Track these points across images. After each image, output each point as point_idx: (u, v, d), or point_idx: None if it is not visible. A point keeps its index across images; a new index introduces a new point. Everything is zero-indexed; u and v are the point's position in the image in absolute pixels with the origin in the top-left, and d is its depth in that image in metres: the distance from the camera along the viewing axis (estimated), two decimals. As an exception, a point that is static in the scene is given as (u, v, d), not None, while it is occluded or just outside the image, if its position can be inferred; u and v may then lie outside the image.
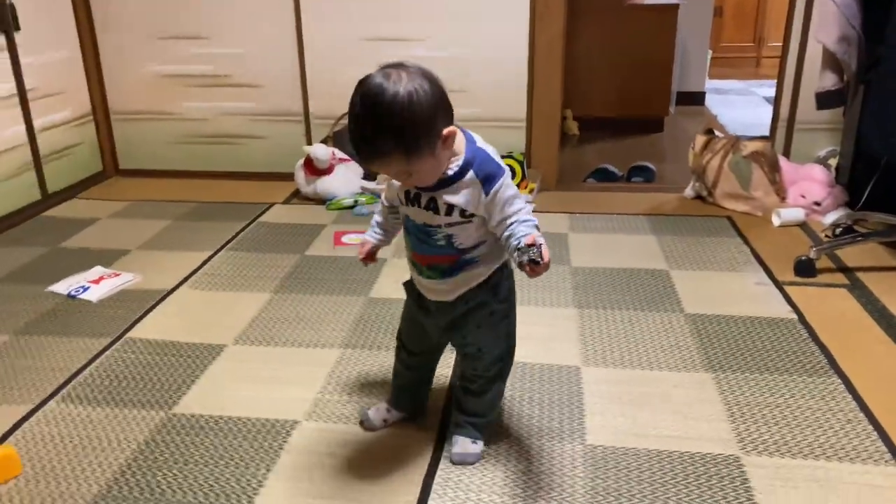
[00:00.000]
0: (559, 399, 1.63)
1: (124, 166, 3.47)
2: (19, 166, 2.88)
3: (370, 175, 3.06)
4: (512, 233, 1.19)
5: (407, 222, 1.31)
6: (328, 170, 2.97)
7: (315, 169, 2.97)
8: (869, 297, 2.10)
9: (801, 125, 3.06)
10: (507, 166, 1.25)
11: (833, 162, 2.92)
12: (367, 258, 1.47)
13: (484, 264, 1.30)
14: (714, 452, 1.44)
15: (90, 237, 2.69)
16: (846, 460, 1.41)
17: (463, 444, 1.43)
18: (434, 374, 1.55)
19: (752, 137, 2.91)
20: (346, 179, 3.00)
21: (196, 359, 1.82)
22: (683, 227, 2.68)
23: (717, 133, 3.01)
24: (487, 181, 1.21)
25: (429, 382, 1.55)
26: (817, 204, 2.71)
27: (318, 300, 2.13)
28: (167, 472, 1.41)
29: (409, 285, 1.41)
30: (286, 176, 3.18)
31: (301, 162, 3.03)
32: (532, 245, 1.13)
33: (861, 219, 2.55)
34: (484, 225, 1.25)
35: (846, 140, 2.78)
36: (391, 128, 1.11)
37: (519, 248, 1.15)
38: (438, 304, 1.34)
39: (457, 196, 1.22)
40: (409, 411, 1.54)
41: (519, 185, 3.02)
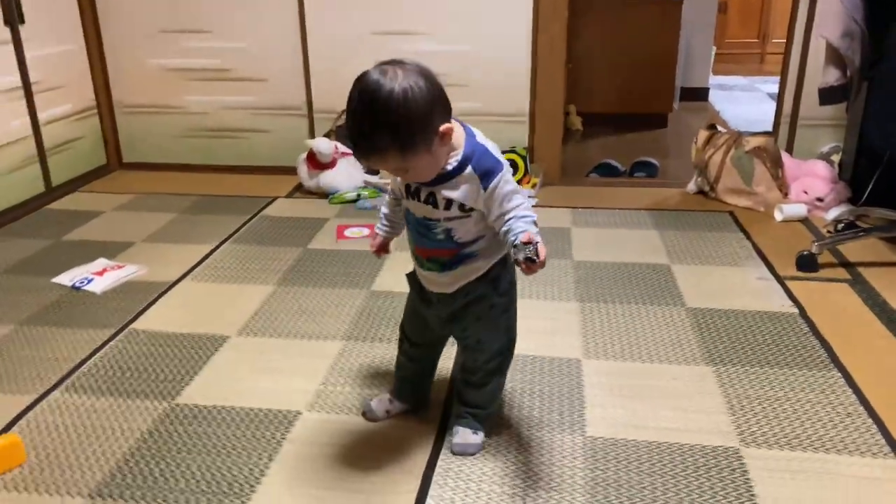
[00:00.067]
0: (560, 391, 1.64)
1: (128, 160, 3.48)
2: (23, 159, 2.89)
3: (373, 169, 3.06)
4: (510, 228, 1.19)
5: (408, 215, 1.32)
6: (331, 164, 2.97)
7: (318, 163, 2.98)
8: (870, 292, 2.11)
9: (805, 121, 3.06)
10: (507, 161, 1.26)
11: (836, 158, 2.92)
12: (380, 250, 1.48)
13: (483, 258, 1.30)
14: (713, 444, 1.45)
15: (94, 230, 2.70)
16: (845, 453, 1.42)
17: (464, 435, 1.44)
18: (436, 366, 1.56)
19: (755, 133, 2.91)
20: (348, 173, 3.00)
21: (199, 350, 1.83)
22: (685, 222, 2.68)
23: (719, 128, 3.01)
24: (486, 176, 1.21)
25: (431, 374, 1.56)
26: (820, 200, 2.71)
27: (320, 293, 2.14)
28: (170, 461, 1.42)
29: (411, 277, 1.42)
30: (289, 170, 3.19)
31: (304, 156, 3.04)
32: (528, 243, 1.13)
33: (863, 214, 2.55)
34: (483, 219, 1.26)
35: (849, 136, 2.78)
36: (387, 124, 1.12)
37: (515, 245, 1.16)
38: (439, 296, 1.35)
39: (455, 191, 1.23)
40: (412, 403, 1.55)
41: (521, 179, 3.03)
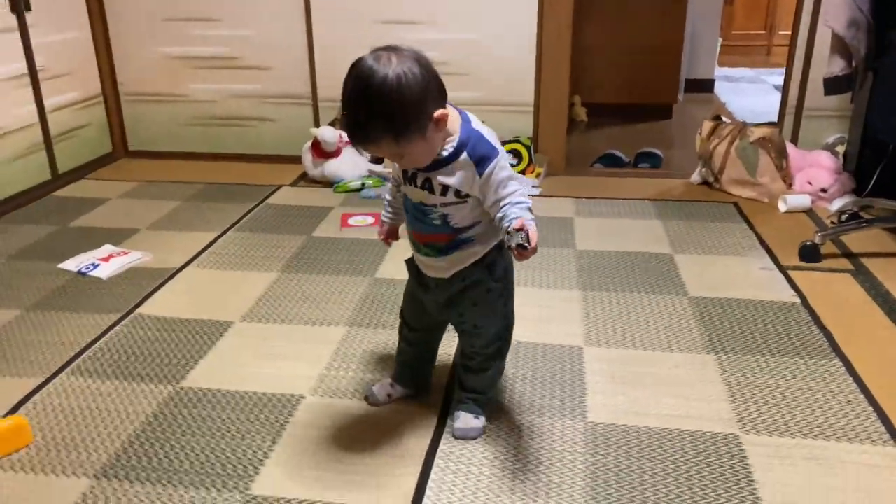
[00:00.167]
0: (561, 378, 1.65)
1: (133, 147, 3.49)
2: (30, 146, 2.91)
3: (377, 158, 3.07)
4: (504, 214, 1.20)
5: (405, 201, 1.33)
6: (336, 152, 2.98)
7: (322, 151, 2.99)
8: (873, 282, 2.11)
9: (810, 112, 3.05)
10: (502, 147, 1.26)
11: (841, 149, 2.91)
12: (388, 237, 1.49)
13: (480, 243, 1.31)
14: (714, 431, 1.46)
15: (100, 217, 2.71)
16: (845, 440, 1.42)
17: (465, 420, 1.45)
18: (436, 351, 1.57)
19: (760, 123, 2.90)
20: (353, 162, 3.01)
21: (204, 335, 1.85)
22: (689, 213, 2.68)
23: (724, 119, 3.00)
24: (481, 162, 1.22)
25: (431, 360, 1.57)
26: (824, 191, 2.71)
27: (324, 280, 2.15)
28: (175, 443, 1.44)
29: (410, 262, 1.43)
30: (294, 158, 3.20)
31: (308, 144, 3.04)
32: (520, 229, 1.14)
33: (867, 205, 2.55)
34: (480, 205, 1.26)
35: (854, 127, 2.78)
36: (381, 110, 1.13)
37: (508, 232, 1.17)
38: (437, 281, 1.36)
39: (451, 177, 1.23)
40: (413, 388, 1.56)
41: (525, 169, 3.03)
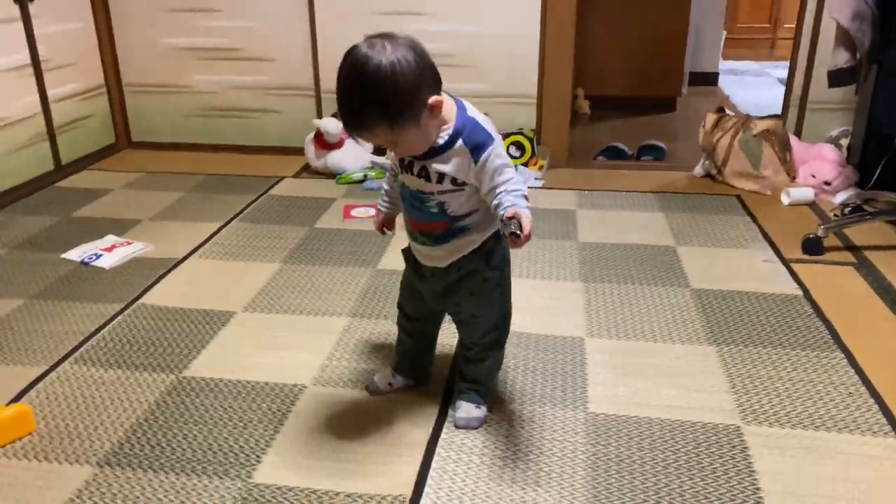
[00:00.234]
0: (563, 369, 1.65)
1: (136, 139, 3.49)
2: (33, 136, 2.91)
3: (379, 149, 3.07)
4: (500, 202, 1.20)
5: (403, 189, 1.33)
6: (338, 144, 2.98)
7: (325, 143, 2.99)
8: (876, 275, 2.10)
9: (814, 105, 3.04)
10: (498, 135, 1.26)
11: (845, 142, 2.91)
12: (382, 227, 1.49)
13: (476, 232, 1.31)
14: (715, 422, 1.46)
15: (103, 207, 2.72)
16: (845, 431, 1.42)
17: (466, 409, 1.45)
18: (435, 341, 1.57)
19: (764, 116, 2.89)
20: (355, 154, 3.01)
21: (206, 325, 1.85)
22: (692, 205, 2.68)
23: (727, 112, 3.00)
24: (476, 150, 1.22)
25: (430, 350, 1.57)
26: (827, 184, 2.70)
27: (326, 271, 2.16)
28: (177, 431, 1.45)
29: (406, 252, 1.43)
30: (297, 150, 3.19)
31: (311, 136, 3.04)
32: (512, 217, 1.14)
33: (871, 198, 2.54)
34: (477, 193, 1.26)
35: (858, 120, 2.77)
36: (374, 97, 1.13)
37: (502, 220, 1.17)
38: (433, 270, 1.36)
39: (447, 165, 1.23)
40: (413, 378, 1.57)
41: (528, 161, 3.03)
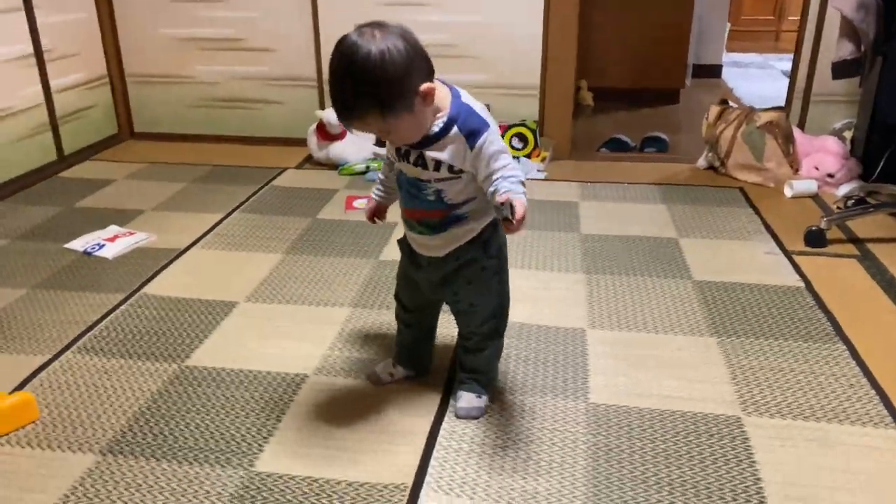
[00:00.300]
0: (564, 359, 1.65)
1: (139, 129, 3.49)
2: (35, 127, 2.91)
3: (381, 141, 3.06)
4: (496, 189, 1.20)
5: (400, 177, 1.33)
6: (340, 135, 2.98)
7: (327, 134, 2.98)
8: (878, 267, 2.10)
9: (818, 97, 3.03)
10: (494, 121, 1.26)
11: (848, 134, 2.90)
12: (373, 215, 1.48)
13: (474, 220, 1.31)
14: (715, 413, 1.46)
15: (105, 197, 2.72)
16: (846, 423, 1.43)
17: (468, 399, 1.46)
18: (434, 331, 1.57)
19: (767, 108, 2.89)
20: (358, 145, 3.00)
21: (208, 315, 1.85)
22: (694, 197, 2.68)
23: (731, 104, 2.99)
24: (471, 136, 1.22)
25: (429, 340, 1.57)
26: (831, 176, 2.70)
27: (328, 262, 2.16)
28: (180, 420, 1.45)
29: (402, 242, 1.43)
30: (299, 141, 3.19)
31: (313, 127, 3.04)
32: (504, 203, 1.14)
33: (874, 191, 2.53)
34: (473, 181, 1.26)
35: (862, 112, 2.76)
36: (364, 86, 1.13)
37: (496, 206, 1.17)
38: (430, 260, 1.36)
39: (442, 152, 1.23)
40: (414, 368, 1.57)
41: (531, 153, 3.03)
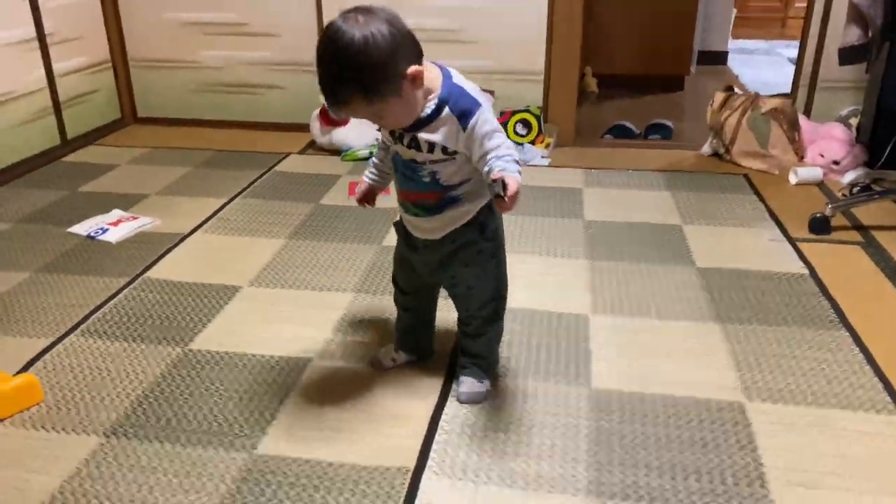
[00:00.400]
0: (567, 345, 1.65)
1: (142, 114, 3.49)
2: (38, 111, 2.91)
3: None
4: (490, 168, 1.19)
5: (395, 158, 1.33)
6: (344, 120, 2.97)
7: (330, 119, 2.97)
8: (883, 254, 2.09)
9: (824, 83, 3.01)
10: (487, 100, 1.25)
11: (854, 121, 2.88)
12: (364, 198, 1.46)
13: (469, 202, 1.31)
14: (718, 398, 1.46)
15: (109, 182, 2.72)
16: (849, 409, 1.43)
17: (470, 384, 1.46)
18: (434, 316, 1.57)
19: (773, 95, 2.87)
20: (361, 130, 2.99)
21: (212, 299, 1.86)
22: (699, 184, 2.66)
23: (736, 90, 2.97)
24: (464, 116, 1.21)
25: (429, 325, 1.57)
26: (836, 163, 2.68)
27: (331, 247, 2.16)
28: (183, 403, 1.46)
29: (398, 224, 1.43)
30: (302, 127, 3.18)
31: (317, 112, 3.03)
32: (496, 180, 1.14)
33: (880, 178, 2.52)
34: (468, 162, 1.26)
35: (868, 98, 2.74)
36: (348, 71, 1.13)
37: (489, 184, 1.17)
38: (426, 243, 1.36)
39: (435, 134, 1.23)
40: (415, 353, 1.57)
41: (535, 139, 3.01)
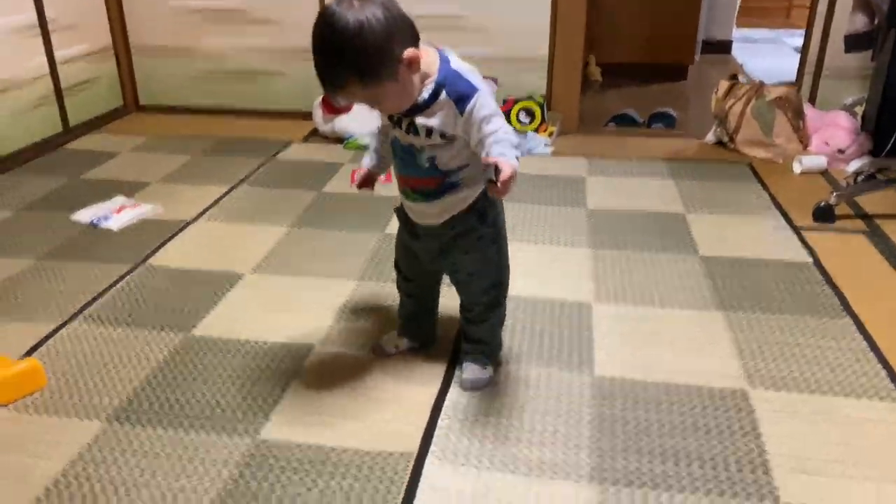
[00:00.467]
0: (569, 333, 1.65)
1: (144, 102, 3.48)
2: (40, 98, 2.90)
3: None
4: (487, 153, 1.18)
5: (394, 143, 1.32)
6: (346, 108, 2.96)
7: (333, 107, 2.97)
8: (887, 243, 2.09)
9: (829, 72, 2.99)
10: (486, 84, 1.24)
11: (860, 110, 2.86)
12: (363, 183, 1.45)
13: (467, 187, 1.30)
14: (721, 386, 1.46)
15: (111, 169, 2.72)
16: (852, 396, 1.42)
17: (473, 370, 1.46)
18: (437, 302, 1.57)
19: (778, 83, 2.85)
20: (363, 118, 2.98)
21: (214, 286, 1.85)
22: (702, 173, 2.65)
23: (741, 79, 2.95)
24: (461, 100, 1.21)
25: (432, 311, 1.57)
26: (841, 151, 2.67)
27: (334, 235, 2.15)
28: (186, 389, 1.46)
29: (399, 211, 1.43)
30: (305, 115, 3.18)
31: (319, 100, 3.02)
32: (488, 165, 1.14)
33: (885, 167, 2.51)
34: (467, 146, 1.25)
35: (874, 86, 2.72)
36: (343, 56, 1.13)
37: (484, 168, 1.17)
38: (426, 229, 1.36)
39: (432, 119, 1.23)
40: (418, 340, 1.57)
41: (538, 128, 3.00)
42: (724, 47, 5.08)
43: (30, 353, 1.58)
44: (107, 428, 1.35)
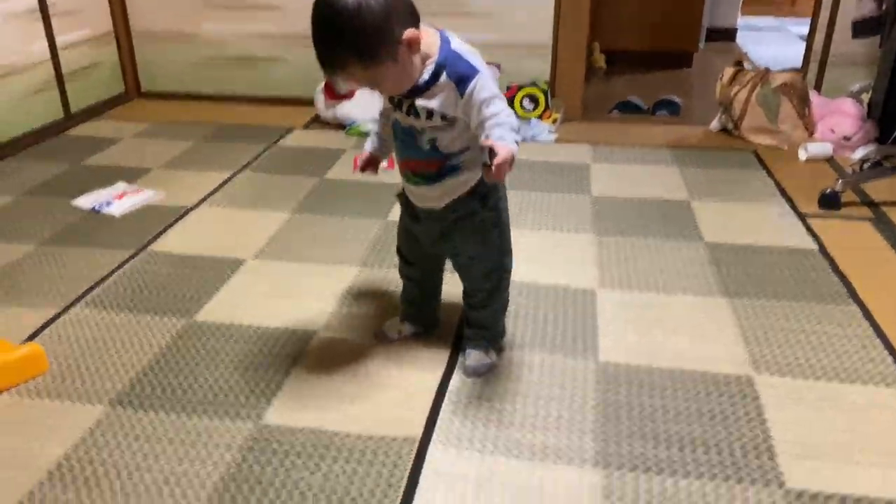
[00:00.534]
0: (574, 319, 1.64)
1: (146, 88, 3.46)
2: (42, 83, 2.88)
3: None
4: (487, 135, 1.17)
5: (395, 125, 1.31)
6: (348, 94, 2.94)
7: (335, 93, 2.95)
8: (893, 230, 2.07)
9: (835, 59, 2.97)
10: (486, 67, 1.23)
11: (866, 97, 2.84)
12: (366, 166, 1.43)
13: (469, 170, 1.29)
14: (726, 372, 1.45)
15: (113, 155, 2.71)
16: (858, 382, 1.41)
17: (476, 356, 1.45)
18: (439, 287, 1.56)
19: (783, 70, 2.83)
20: (365, 105, 2.96)
21: (216, 272, 1.85)
22: (707, 160, 2.64)
23: (746, 65, 2.93)
24: (461, 82, 1.20)
25: (435, 296, 1.56)
26: (847, 138, 2.65)
27: (336, 221, 2.14)
28: (188, 374, 1.45)
29: (401, 195, 1.42)
30: (307, 101, 3.16)
31: (321, 86, 3.00)
32: (484, 148, 1.13)
33: (891, 154, 2.49)
34: (468, 129, 1.24)
35: (881, 73, 2.69)
36: (342, 37, 1.12)
37: (482, 150, 1.16)
38: (428, 212, 1.35)
39: (433, 101, 1.21)
40: (421, 325, 1.56)
41: (542, 114, 2.98)
42: (728, 35, 5.05)
43: (31, 337, 1.57)
44: (109, 412, 1.34)
